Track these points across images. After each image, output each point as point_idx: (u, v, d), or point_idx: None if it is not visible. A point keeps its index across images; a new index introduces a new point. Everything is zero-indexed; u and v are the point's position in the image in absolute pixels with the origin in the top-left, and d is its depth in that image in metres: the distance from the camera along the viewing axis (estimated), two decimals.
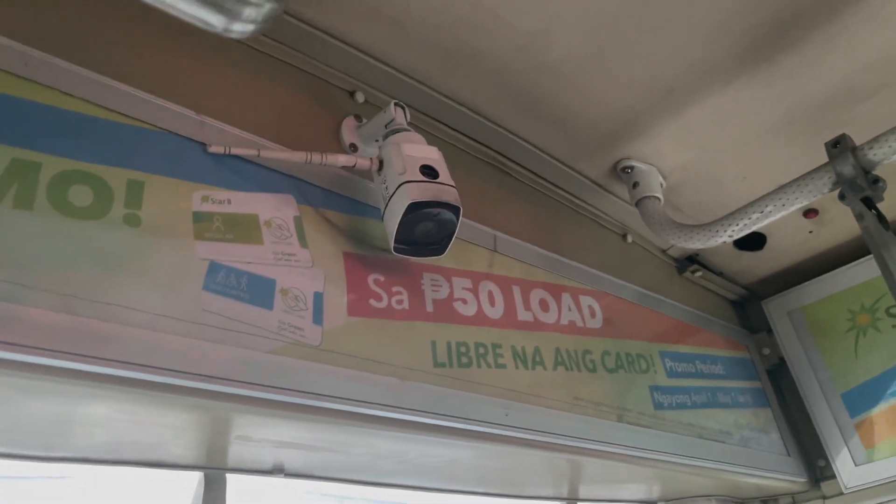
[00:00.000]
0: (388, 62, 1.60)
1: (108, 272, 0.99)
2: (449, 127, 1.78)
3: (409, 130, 1.39)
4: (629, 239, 2.29)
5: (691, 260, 2.49)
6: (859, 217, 1.53)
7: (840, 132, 1.61)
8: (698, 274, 2.50)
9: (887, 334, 2.32)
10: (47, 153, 1.00)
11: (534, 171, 1.98)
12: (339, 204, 1.40)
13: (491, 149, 1.88)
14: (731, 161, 2.04)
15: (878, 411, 2.26)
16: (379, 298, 1.35)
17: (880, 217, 1.54)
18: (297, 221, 1.29)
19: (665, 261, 2.46)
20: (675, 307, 2.27)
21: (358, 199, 1.44)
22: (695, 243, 1.84)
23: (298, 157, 1.29)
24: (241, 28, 1.03)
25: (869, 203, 1.53)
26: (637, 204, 1.97)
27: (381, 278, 1.38)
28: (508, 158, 1.92)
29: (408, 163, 1.29)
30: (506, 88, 1.71)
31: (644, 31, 1.58)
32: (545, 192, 2.04)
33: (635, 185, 1.98)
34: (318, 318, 1.21)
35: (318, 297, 1.23)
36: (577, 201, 2.12)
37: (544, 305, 1.73)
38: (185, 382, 1.00)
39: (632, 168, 1.99)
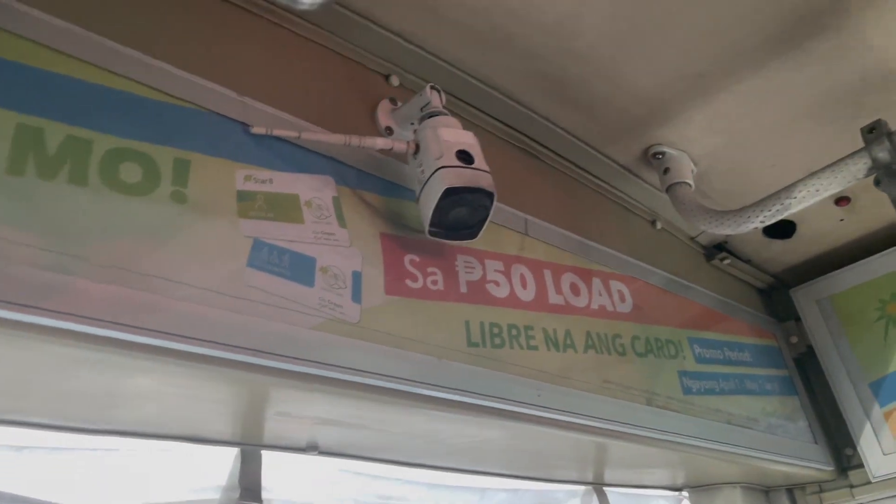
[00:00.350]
0: (422, 46, 1.61)
1: (156, 247, 1.02)
2: (481, 111, 1.79)
3: (445, 114, 1.40)
4: (658, 225, 2.29)
5: (720, 247, 2.49)
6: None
7: (874, 118, 1.61)
8: (727, 262, 2.50)
9: None
10: (98, 131, 1.03)
11: (565, 157, 1.99)
12: (375, 185, 1.42)
13: (523, 133, 1.89)
14: (762, 147, 2.03)
15: None
16: (414, 279, 1.37)
17: None
18: (336, 202, 1.31)
19: (693, 248, 2.46)
20: (704, 294, 2.27)
21: (393, 181, 1.46)
22: (726, 229, 1.84)
23: (337, 139, 1.31)
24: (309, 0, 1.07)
25: None
26: (668, 190, 1.97)
27: (417, 259, 1.40)
28: (540, 143, 1.93)
29: (444, 148, 1.30)
30: (537, 73, 1.72)
31: (674, 15, 1.58)
32: (575, 178, 2.04)
33: (666, 170, 1.98)
34: (356, 296, 1.23)
35: (357, 276, 1.26)
36: (606, 187, 2.13)
37: (575, 289, 1.74)
38: (230, 355, 1.02)
39: (663, 154, 1.99)
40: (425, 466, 1.69)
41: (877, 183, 1.57)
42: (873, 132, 1.57)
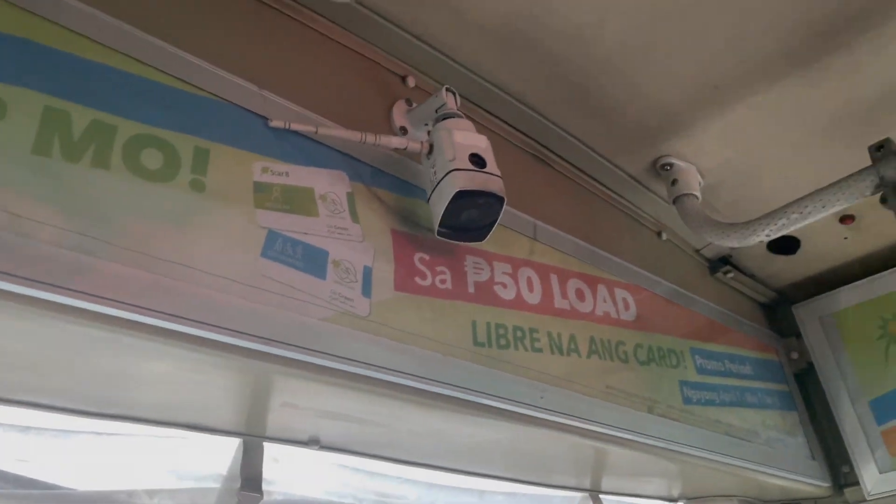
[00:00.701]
0: (440, 49, 1.63)
1: (174, 232, 1.03)
2: (495, 116, 1.81)
3: (459, 116, 1.42)
4: (664, 236, 2.30)
5: (724, 261, 2.50)
6: None
7: (885, 136, 1.62)
8: (730, 275, 2.51)
9: None
10: (122, 116, 1.05)
11: (575, 165, 2.01)
12: (389, 183, 1.43)
13: (535, 140, 1.91)
14: (771, 162, 2.04)
15: None
16: (424, 276, 1.38)
17: None
18: (350, 197, 1.32)
19: (698, 260, 2.47)
20: (707, 306, 2.29)
21: (406, 179, 1.47)
22: (731, 241, 1.85)
23: (353, 136, 1.32)
24: None
25: None
26: (675, 201, 1.99)
27: (427, 257, 1.41)
28: (551, 150, 1.95)
29: (458, 150, 1.32)
30: (554, 80, 1.73)
31: (693, 26, 1.60)
32: (584, 186, 2.06)
33: (674, 182, 2.00)
34: (366, 290, 1.25)
35: (368, 271, 1.27)
36: (615, 196, 2.14)
37: (580, 295, 1.75)
38: (242, 342, 1.04)
39: (671, 165, 2.00)
40: (425, 466, 1.70)
41: (883, 201, 1.59)
42: (881, 150, 1.59)
